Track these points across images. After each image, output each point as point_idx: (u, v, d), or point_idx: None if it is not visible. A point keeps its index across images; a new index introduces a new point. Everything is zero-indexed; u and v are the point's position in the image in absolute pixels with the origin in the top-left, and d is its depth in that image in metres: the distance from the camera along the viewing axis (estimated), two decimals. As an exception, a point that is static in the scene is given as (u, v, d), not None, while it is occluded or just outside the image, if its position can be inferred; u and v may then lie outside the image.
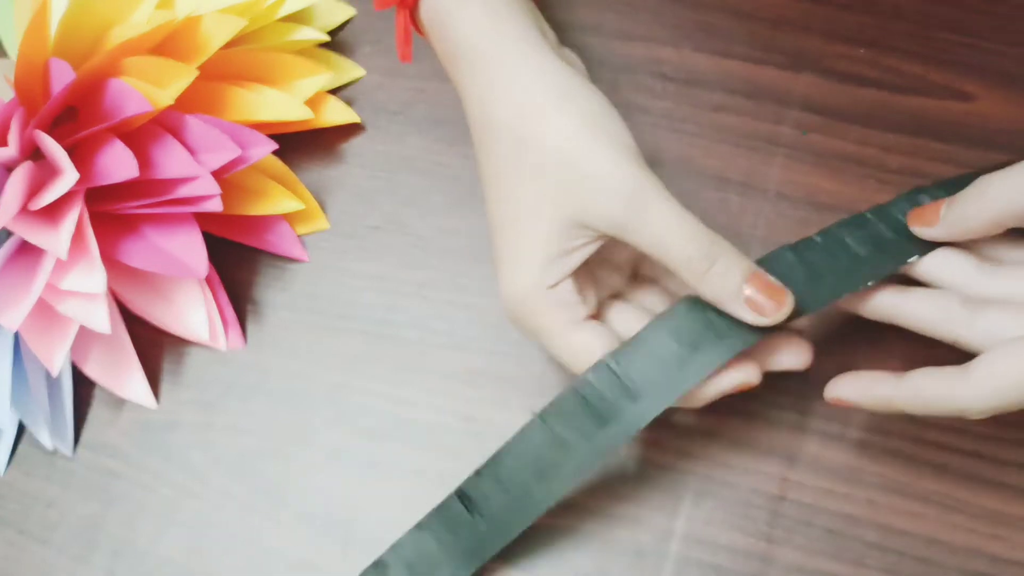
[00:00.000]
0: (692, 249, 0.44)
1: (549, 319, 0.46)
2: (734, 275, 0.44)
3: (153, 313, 0.55)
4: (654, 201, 0.44)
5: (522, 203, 0.46)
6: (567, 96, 0.46)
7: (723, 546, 0.49)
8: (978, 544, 0.47)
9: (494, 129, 0.47)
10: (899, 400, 0.43)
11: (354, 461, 0.53)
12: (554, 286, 0.46)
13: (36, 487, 0.55)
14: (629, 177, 0.45)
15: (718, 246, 0.45)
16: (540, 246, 0.46)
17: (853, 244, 0.47)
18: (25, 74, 0.51)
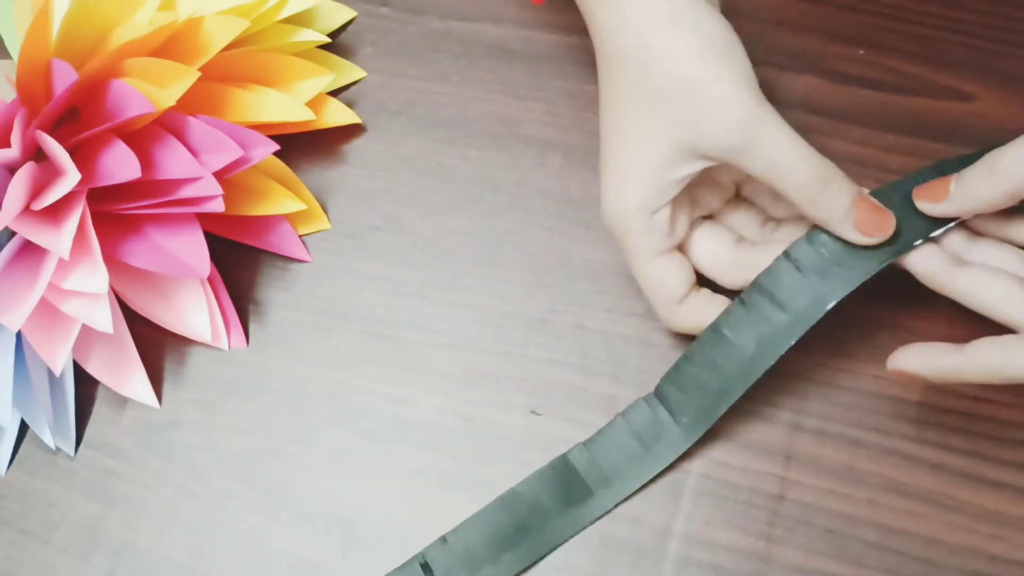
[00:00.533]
0: (806, 173, 0.46)
1: (638, 242, 0.49)
2: (844, 197, 0.46)
3: (155, 313, 0.55)
4: (770, 127, 0.46)
5: (638, 127, 0.48)
6: (690, 25, 0.47)
7: (723, 546, 0.49)
8: (978, 544, 0.47)
9: (619, 59, 0.49)
10: (963, 370, 0.44)
11: (354, 461, 0.53)
12: (653, 212, 0.48)
13: (37, 487, 0.55)
14: (746, 104, 0.46)
15: (830, 170, 0.46)
16: (651, 170, 0.48)
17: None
18: (27, 75, 0.51)
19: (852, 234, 0.46)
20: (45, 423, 0.54)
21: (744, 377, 0.48)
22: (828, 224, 0.47)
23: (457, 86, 0.60)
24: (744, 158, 0.46)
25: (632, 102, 0.48)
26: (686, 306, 0.50)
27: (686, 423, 0.50)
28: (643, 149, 0.48)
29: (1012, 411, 0.49)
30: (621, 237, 0.49)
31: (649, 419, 0.51)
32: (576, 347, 0.53)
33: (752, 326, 0.48)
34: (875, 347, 0.51)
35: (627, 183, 0.48)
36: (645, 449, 0.50)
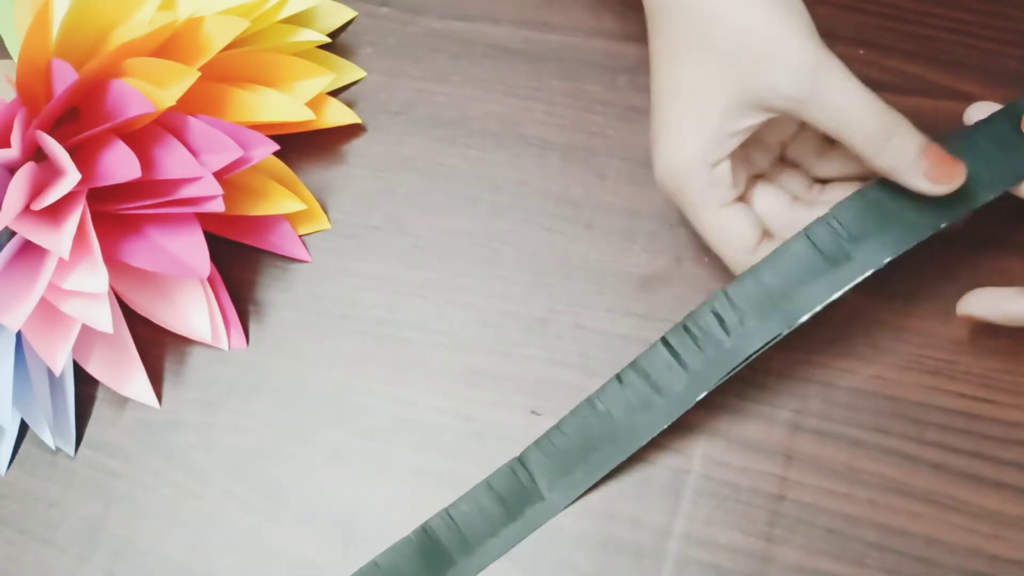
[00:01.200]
0: (873, 122, 0.45)
1: (701, 197, 0.48)
2: (911, 146, 0.45)
3: (155, 313, 0.55)
4: (836, 77, 0.45)
5: (696, 79, 0.47)
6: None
7: (723, 546, 0.49)
8: (978, 544, 0.47)
9: (672, 9, 0.47)
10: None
11: (354, 461, 0.53)
12: (714, 165, 0.48)
13: (37, 487, 0.55)
14: (811, 53, 0.45)
15: (896, 120, 0.45)
16: (710, 123, 0.47)
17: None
18: (27, 75, 0.51)
19: (922, 182, 0.45)
20: (45, 423, 0.54)
21: (619, 451, 0.49)
22: (895, 173, 0.46)
23: (457, 86, 0.59)
24: (809, 108, 0.45)
25: (688, 54, 0.47)
26: (761, 252, 0.49)
27: (550, 491, 0.50)
28: (702, 102, 0.47)
29: (1012, 411, 0.49)
30: (681, 194, 0.49)
31: (513, 484, 0.51)
32: (576, 347, 0.53)
33: (626, 405, 0.49)
34: (875, 347, 0.51)
35: (685, 138, 0.48)
36: (509, 515, 0.51)
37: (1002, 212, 0.48)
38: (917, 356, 0.50)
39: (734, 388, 0.50)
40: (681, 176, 0.48)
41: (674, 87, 0.48)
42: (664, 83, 0.49)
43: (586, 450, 0.50)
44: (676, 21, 0.48)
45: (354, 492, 0.52)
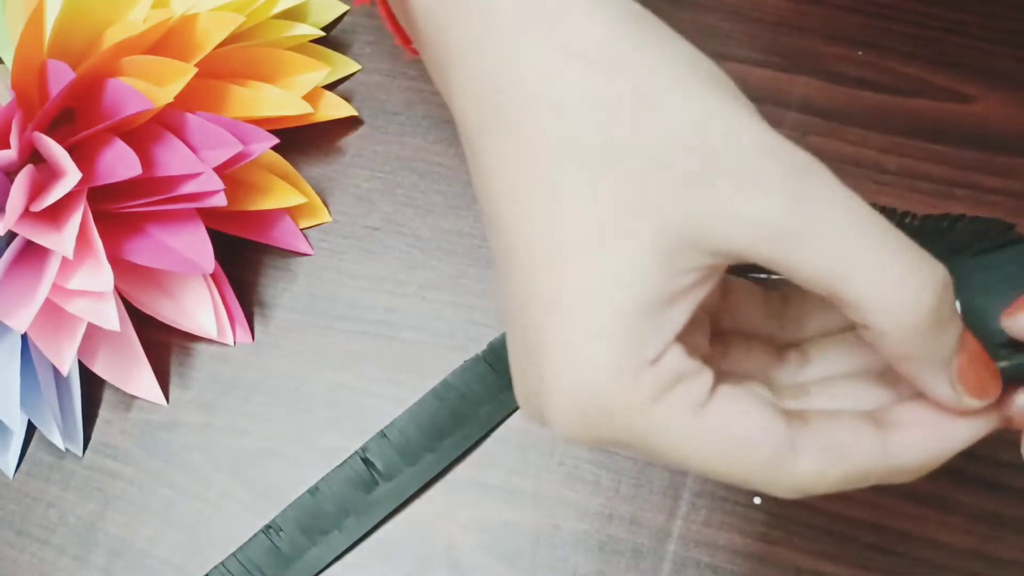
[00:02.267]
0: (911, 273, 0.28)
1: (662, 414, 0.29)
2: (954, 329, 0.29)
3: (160, 310, 0.55)
4: (833, 192, 0.28)
5: (586, 216, 0.28)
6: (655, 35, 0.29)
7: (721, 547, 0.49)
8: (977, 546, 0.48)
9: (525, 103, 0.29)
10: None
11: (354, 461, 0.53)
12: (658, 358, 0.28)
13: (36, 487, 0.54)
14: (787, 152, 0.28)
15: (936, 270, 0.28)
16: (628, 289, 0.28)
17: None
18: (22, 76, 0.51)
19: (945, 390, 0.30)
20: (54, 424, 0.53)
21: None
22: (913, 367, 0.29)
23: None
24: (796, 248, 0.27)
25: (566, 170, 0.28)
26: (809, 447, 0.30)
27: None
28: (607, 258, 0.28)
29: (1010, 413, 0.49)
30: (622, 430, 0.29)
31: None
32: (575, 347, 0.53)
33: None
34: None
35: (591, 335, 0.28)
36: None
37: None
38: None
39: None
40: (610, 397, 0.28)
41: (547, 237, 0.29)
42: (525, 231, 0.29)
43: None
44: (530, 115, 0.29)
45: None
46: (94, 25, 0.54)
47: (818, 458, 0.29)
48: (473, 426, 0.52)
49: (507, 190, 0.30)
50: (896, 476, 0.31)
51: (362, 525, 0.51)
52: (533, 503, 0.51)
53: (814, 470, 0.29)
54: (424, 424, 0.52)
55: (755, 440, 0.29)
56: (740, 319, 0.35)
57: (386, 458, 0.52)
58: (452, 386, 0.53)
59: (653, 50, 0.28)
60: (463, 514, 0.51)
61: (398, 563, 0.51)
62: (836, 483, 0.30)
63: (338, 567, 0.51)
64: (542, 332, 0.29)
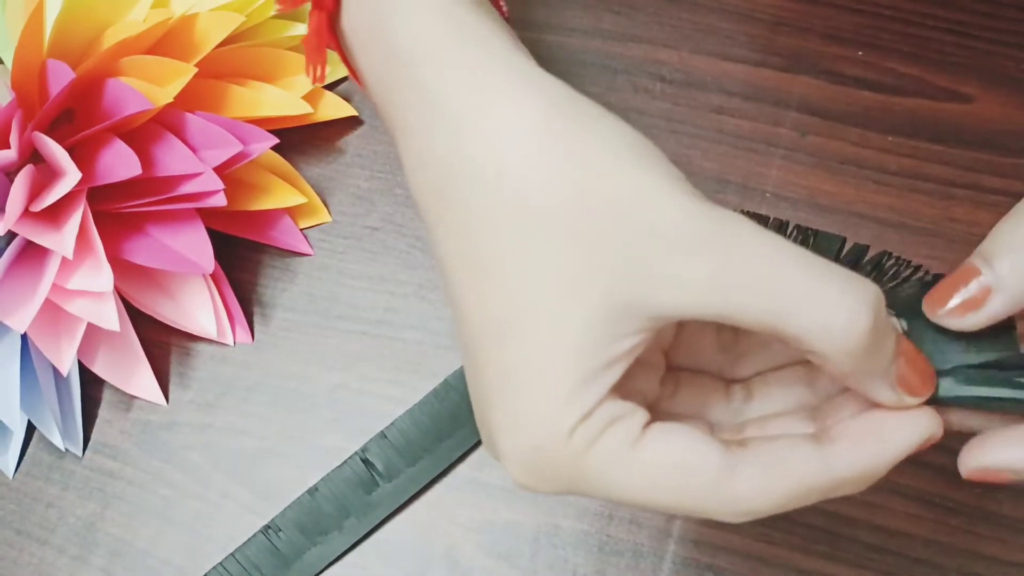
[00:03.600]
0: (847, 302, 0.29)
1: (598, 457, 0.31)
2: (891, 338, 0.31)
3: (160, 310, 0.55)
4: (759, 241, 0.29)
5: (529, 288, 0.30)
6: (589, 115, 0.31)
7: (721, 547, 0.49)
8: (977, 546, 0.48)
9: (471, 184, 0.31)
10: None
11: (353, 461, 0.53)
12: (590, 412, 0.30)
13: (35, 487, 0.54)
14: (711, 213, 0.30)
15: (868, 289, 0.30)
16: (568, 358, 0.30)
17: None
18: (22, 76, 0.51)
19: (887, 394, 0.32)
20: (54, 424, 0.53)
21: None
22: (860, 382, 0.31)
23: (456, 86, 0.59)
24: (732, 301, 0.29)
25: (513, 244, 0.30)
26: (747, 469, 0.31)
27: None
28: (551, 328, 0.30)
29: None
30: (571, 473, 0.31)
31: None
32: (575, 347, 0.53)
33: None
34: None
35: (538, 399, 0.30)
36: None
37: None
38: (915, 358, 0.50)
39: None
40: (553, 452, 0.31)
41: (495, 309, 0.31)
42: (476, 304, 0.31)
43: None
44: (480, 191, 0.31)
45: (353, 493, 0.53)
46: (94, 25, 0.54)
47: (759, 476, 0.31)
48: (473, 427, 0.51)
49: (455, 258, 0.32)
50: (840, 488, 0.32)
51: (362, 526, 0.51)
52: (533, 503, 0.51)
53: (757, 487, 0.30)
54: (424, 425, 0.52)
55: (691, 465, 0.30)
56: (693, 353, 0.37)
57: (386, 459, 0.52)
58: (452, 387, 0.52)
59: (588, 128, 0.31)
60: (463, 514, 0.51)
61: (398, 563, 0.51)
62: (781, 499, 0.31)
63: (338, 567, 0.51)
64: (490, 395, 0.31)
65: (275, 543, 0.51)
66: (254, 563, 0.51)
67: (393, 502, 0.51)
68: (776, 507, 0.31)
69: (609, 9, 0.59)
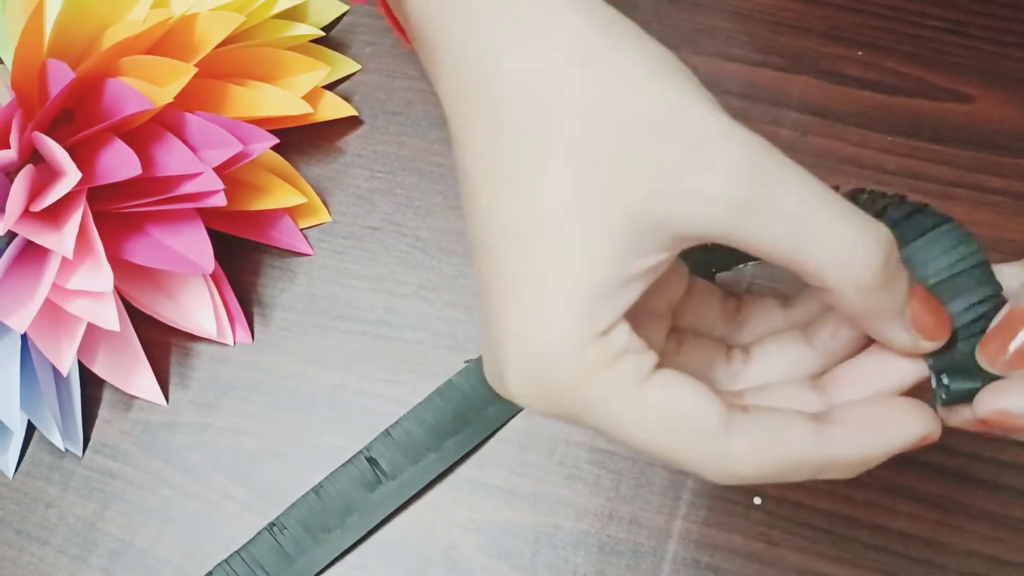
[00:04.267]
0: (854, 237, 0.29)
1: (606, 383, 0.30)
2: (904, 280, 0.31)
3: (160, 310, 0.55)
4: (788, 171, 0.29)
5: (554, 198, 0.30)
6: (630, 34, 0.31)
7: (721, 547, 0.49)
8: (976, 546, 0.48)
9: (504, 89, 0.30)
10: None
11: (353, 461, 0.53)
12: (606, 331, 0.30)
13: (35, 487, 0.54)
14: (744, 135, 0.29)
15: (881, 232, 0.30)
16: (588, 267, 0.30)
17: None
18: (22, 76, 0.51)
19: (902, 337, 0.32)
20: (54, 424, 0.53)
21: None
22: (872, 321, 0.32)
23: (456, 86, 0.59)
24: (756, 222, 0.29)
25: (537, 156, 0.30)
26: (743, 432, 0.31)
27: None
28: (570, 238, 0.29)
29: (1010, 413, 0.49)
30: (570, 392, 0.30)
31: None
32: (574, 347, 0.53)
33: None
34: (874, 349, 0.51)
35: (552, 298, 0.30)
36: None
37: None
38: (915, 358, 0.50)
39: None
40: (561, 364, 0.30)
41: (515, 216, 0.31)
42: (496, 211, 0.31)
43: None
44: (508, 105, 0.30)
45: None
46: (94, 25, 0.54)
47: (753, 440, 0.31)
48: (477, 427, 0.52)
49: (482, 172, 0.31)
50: (831, 469, 0.32)
51: (365, 524, 0.51)
52: (533, 503, 0.51)
53: (748, 451, 0.31)
54: (428, 424, 0.52)
55: (692, 416, 0.30)
56: (698, 318, 0.37)
57: (390, 457, 0.52)
58: (456, 386, 0.53)
59: (626, 43, 0.30)
60: (463, 514, 0.51)
61: (398, 563, 0.51)
62: (770, 467, 0.31)
63: (339, 567, 0.51)
64: (506, 303, 0.31)
65: (280, 541, 0.51)
66: (259, 561, 0.51)
67: (396, 500, 0.51)
68: (763, 474, 0.31)
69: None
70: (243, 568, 0.51)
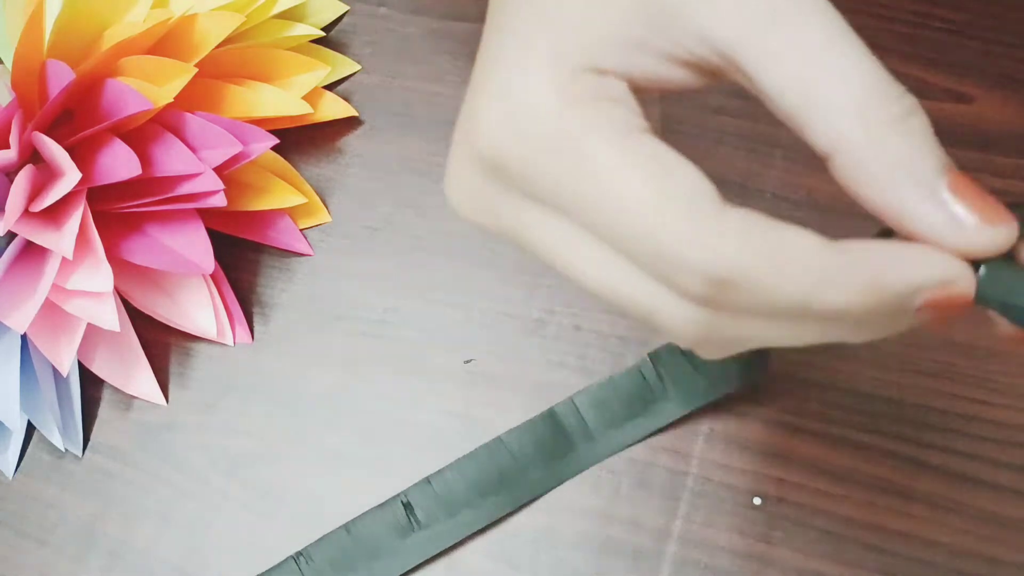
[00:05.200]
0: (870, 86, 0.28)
1: (595, 115, 0.27)
2: (933, 147, 0.27)
3: (159, 311, 0.55)
4: (806, 6, 0.27)
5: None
6: None
7: (721, 547, 0.49)
8: (976, 546, 0.48)
9: None
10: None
11: (353, 462, 0.53)
12: (601, 73, 0.28)
13: (35, 488, 0.54)
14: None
15: (903, 93, 0.28)
16: (600, 25, 0.28)
17: None
18: (21, 77, 0.51)
19: (940, 215, 0.26)
20: (54, 425, 0.53)
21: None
22: (904, 194, 0.26)
23: (456, 86, 0.59)
24: (769, 45, 0.27)
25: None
26: (739, 215, 0.27)
27: (674, 394, 0.50)
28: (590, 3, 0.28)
29: (1011, 413, 0.49)
30: (546, 132, 0.27)
31: (640, 385, 0.51)
32: (574, 348, 0.53)
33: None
34: (875, 348, 0.51)
35: (552, 34, 0.28)
36: (632, 413, 0.51)
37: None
38: (916, 358, 0.50)
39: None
40: (545, 94, 0.27)
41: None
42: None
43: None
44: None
45: (352, 493, 0.52)
46: (94, 25, 0.54)
47: (751, 225, 0.26)
48: (520, 491, 0.51)
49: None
50: (832, 289, 0.26)
51: (390, 571, 0.50)
52: (533, 503, 0.51)
53: (739, 242, 0.26)
54: (471, 478, 0.51)
55: (684, 174, 0.27)
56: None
57: (427, 507, 0.51)
58: (505, 444, 0.51)
59: None
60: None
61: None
62: (757, 267, 0.26)
63: (338, 567, 0.51)
64: (503, 49, 0.29)
65: (304, 572, 0.51)
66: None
67: (426, 551, 0.50)
68: (744, 266, 0.26)
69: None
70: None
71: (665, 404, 0.50)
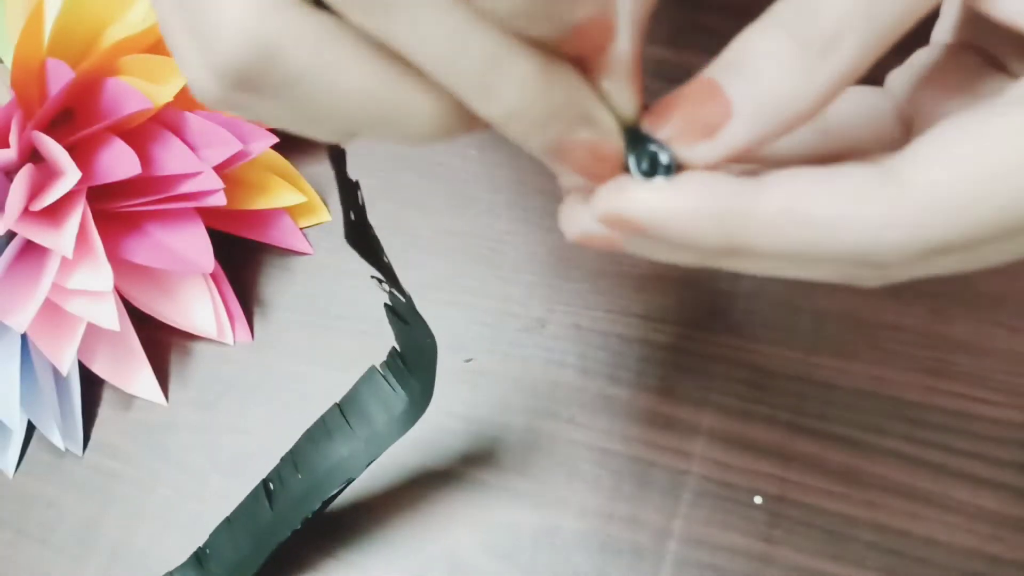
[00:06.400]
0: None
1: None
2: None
3: (160, 310, 0.55)
4: None
5: None
6: None
7: (721, 546, 0.49)
8: (977, 545, 0.47)
9: None
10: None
11: (353, 461, 0.53)
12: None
13: (35, 487, 0.54)
14: None
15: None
16: None
17: None
18: (21, 76, 0.51)
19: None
20: (54, 424, 0.53)
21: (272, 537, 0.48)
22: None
23: (456, 85, 0.59)
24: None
25: None
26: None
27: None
28: None
29: (1011, 411, 0.49)
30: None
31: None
32: (574, 347, 0.53)
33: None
34: (875, 347, 0.51)
35: None
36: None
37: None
38: (916, 356, 0.50)
39: (733, 389, 0.50)
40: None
41: None
42: None
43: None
44: None
45: (352, 493, 0.52)
46: (94, 25, 0.54)
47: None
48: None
49: None
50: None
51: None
52: (533, 503, 0.51)
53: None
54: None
55: (518, 66, 0.23)
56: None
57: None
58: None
59: None
60: (463, 514, 0.51)
61: (398, 563, 0.51)
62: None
63: (339, 567, 0.51)
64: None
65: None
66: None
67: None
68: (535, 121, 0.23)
69: (609, 8, 0.59)
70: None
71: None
